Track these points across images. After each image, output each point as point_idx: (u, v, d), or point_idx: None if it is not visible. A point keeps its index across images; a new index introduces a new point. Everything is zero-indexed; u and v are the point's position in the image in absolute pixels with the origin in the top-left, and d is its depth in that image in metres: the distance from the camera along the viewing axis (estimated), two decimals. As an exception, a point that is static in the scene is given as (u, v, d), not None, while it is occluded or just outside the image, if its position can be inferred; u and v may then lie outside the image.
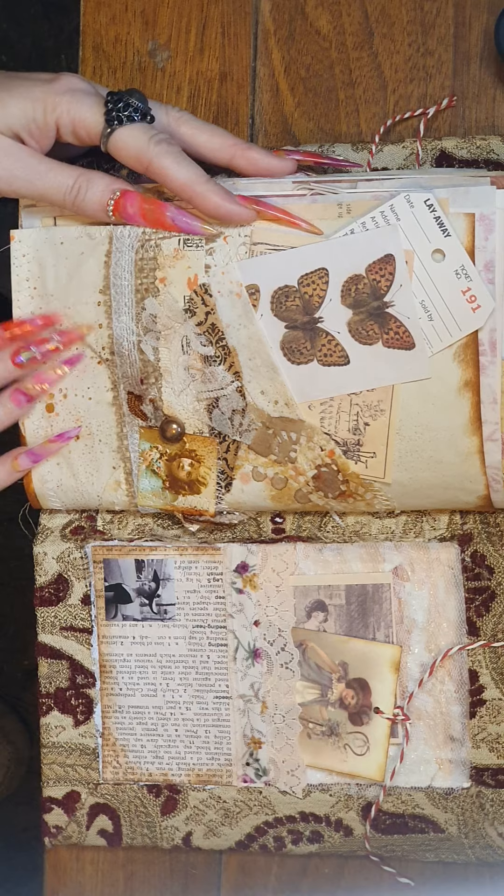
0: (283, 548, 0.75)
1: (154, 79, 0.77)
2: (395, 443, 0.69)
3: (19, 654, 1.29)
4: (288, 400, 0.70)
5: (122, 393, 0.73)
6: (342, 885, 0.78)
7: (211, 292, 0.69)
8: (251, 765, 0.76)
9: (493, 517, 0.73)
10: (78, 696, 0.78)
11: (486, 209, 0.64)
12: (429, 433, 0.69)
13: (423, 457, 0.69)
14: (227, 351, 0.70)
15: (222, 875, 0.79)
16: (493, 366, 0.66)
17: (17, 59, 1.31)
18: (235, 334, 0.69)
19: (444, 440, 0.68)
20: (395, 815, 0.75)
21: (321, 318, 0.68)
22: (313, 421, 0.70)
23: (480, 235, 0.65)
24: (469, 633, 0.73)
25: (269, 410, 0.70)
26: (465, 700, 0.74)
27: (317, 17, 0.74)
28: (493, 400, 0.67)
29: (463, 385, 0.67)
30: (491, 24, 0.72)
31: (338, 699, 0.75)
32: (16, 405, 0.72)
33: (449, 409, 0.68)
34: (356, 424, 0.69)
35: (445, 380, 0.67)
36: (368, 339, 0.68)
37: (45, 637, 0.78)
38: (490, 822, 0.74)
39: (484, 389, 0.67)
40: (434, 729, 0.74)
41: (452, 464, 0.69)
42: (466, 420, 0.68)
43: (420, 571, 0.74)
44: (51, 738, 0.79)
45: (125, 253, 0.69)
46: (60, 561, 0.77)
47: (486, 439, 0.68)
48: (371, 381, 0.69)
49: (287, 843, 0.77)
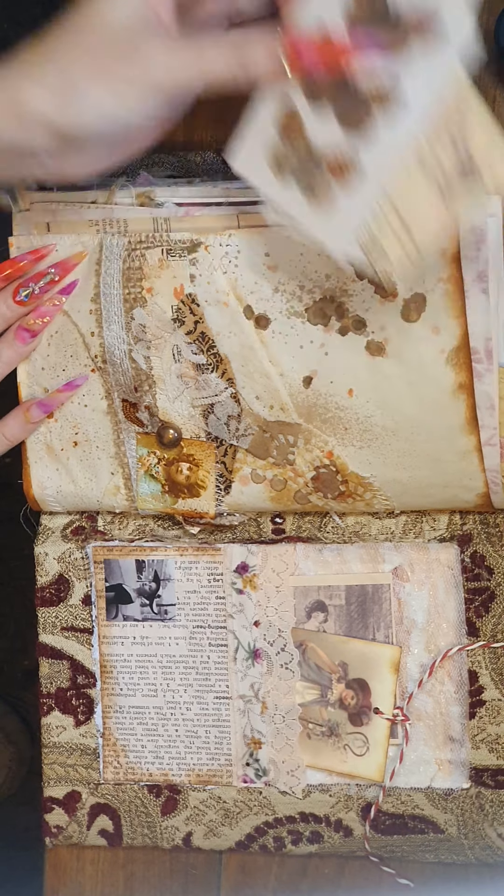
0: (283, 548, 0.75)
1: (154, 80, 0.76)
2: (392, 443, 0.69)
3: (19, 654, 1.29)
4: (283, 405, 0.70)
5: (117, 401, 0.73)
6: (342, 885, 0.78)
7: (198, 302, 0.68)
8: (251, 765, 0.76)
9: (493, 518, 0.73)
10: (79, 696, 0.78)
11: (476, 220, 0.64)
12: (426, 433, 0.69)
13: (422, 455, 0.69)
14: (218, 359, 0.69)
15: (222, 875, 0.79)
16: (489, 373, 0.66)
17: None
18: (227, 342, 0.69)
19: (441, 439, 0.68)
20: (394, 816, 0.75)
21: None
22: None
23: (471, 246, 0.64)
24: (469, 634, 0.73)
25: (265, 415, 0.70)
26: (465, 701, 0.74)
27: (316, 19, 0.74)
28: (491, 406, 0.67)
29: (457, 387, 0.67)
30: (491, 24, 0.72)
31: (337, 700, 0.75)
32: (21, 343, 0.72)
33: (444, 410, 0.68)
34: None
35: (439, 383, 0.67)
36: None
37: (46, 637, 0.78)
38: (489, 822, 0.74)
39: (480, 396, 0.67)
40: (434, 729, 0.74)
41: (450, 461, 0.69)
42: (463, 420, 0.68)
43: (420, 572, 0.74)
44: (52, 738, 0.79)
45: (113, 262, 0.69)
46: (61, 561, 0.77)
47: (485, 444, 0.68)
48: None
49: (287, 844, 0.77)
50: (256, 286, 0.68)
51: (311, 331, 0.68)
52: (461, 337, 0.66)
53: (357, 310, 0.67)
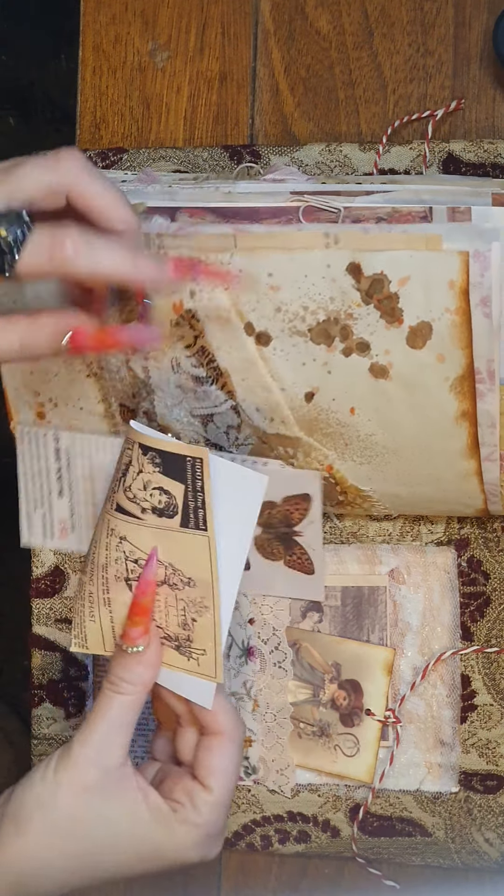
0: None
1: (154, 79, 0.77)
2: (392, 461, 0.69)
3: (19, 654, 1.30)
4: (284, 418, 0.69)
5: (115, 404, 0.73)
6: (342, 885, 0.77)
7: (198, 317, 0.68)
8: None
9: (490, 523, 0.72)
10: (70, 688, 0.79)
11: (480, 246, 0.63)
12: (427, 454, 0.68)
13: (422, 474, 0.69)
14: (218, 372, 0.69)
15: (222, 875, 0.79)
16: (491, 393, 0.65)
17: (17, 59, 1.33)
18: (227, 357, 0.68)
19: (442, 461, 0.68)
20: (382, 818, 0.75)
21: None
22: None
23: (476, 272, 0.63)
24: (463, 638, 0.73)
25: (265, 427, 0.70)
26: (457, 705, 0.73)
27: (317, 17, 0.75)
28: (492, 424, 0.66)
29: (460, 415, 0.66)
30: (491, 24, 0.72)
31: (329, 700, 0.75)
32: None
33: (447, 435, 0.67)
34: (184, 620, 0.62)
35: (443, 409, 0.66)
36: (272, 556, 0.73)
37: (40, 629, 0.79)
38: (477, 827, 0.73)
39: (482, 415, 0.66)
40: (424, 732, 0.74)
41: (451, 481, 0.68)
42: (464, 446, 0.67)
43: (416, 575, 0.74)
44: (42, 729, 0.79)
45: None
46: (57, 553, 0.78)
47: (485, 459, 0.67)
48: (267, 588, 0.74)
49: (274, 842, 0.77)
50: (259, 304, 0.66)
51: (313, 350, 0.67)
52: (466, 367, 0.65)
53: (362, 333, 0.66)
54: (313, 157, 0.73)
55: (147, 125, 0.77)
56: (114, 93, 0.78)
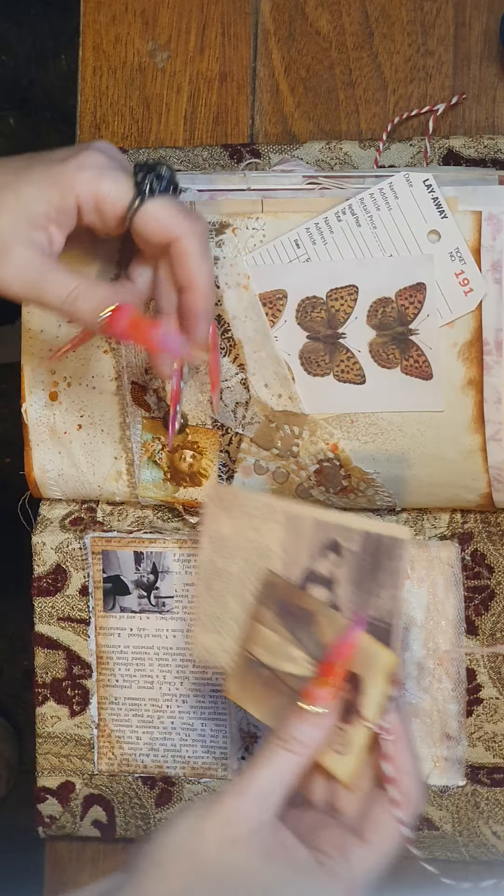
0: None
1: (154, 79, 0.78)
2: (397, 439, 0.69)
3: (19, 654, 1.29)
4: (291, 394, 0.70)
5: (126, 383, 0.74)
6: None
7: (218, 284, 0.69)
8: (246, 759, 0.76)
9: (494, 517, 0.73)
10: (74, 686, 0.78)
11: (494, 208, 0.64)
12: (431, 430, 0.69)
13: (426, 454, 0.69)
14: (232, 343, 0.70)
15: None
16: (498, 366, 0.66)
17: (17, 58, 1.34)
18: (241, 326, 0.70)
19: (446, 437, 0.68)
20: (389, 813, 0.74)
21: (344, 335, 0.69)
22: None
23: (487, 234, 0.64)
24: (468, 632, 0.73)
25: (273, 404, 0.71)
26: (462, 698, 0.73)
27: (317, 17, 0.76)
28: (497, 399, 0.67)
29: (467, 383, 0.67)
30: (491, 24, 0.73)
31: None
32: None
33: (452, 406, 0.68)
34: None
35: (450, 377, 0.67)
36: (388, 363, 0.69)
37: (43, 627, 0.78)
38: (485, 820, 0.73)
39: (488, 388, 0.67)
40: (430, 727, 0.74)
41: (454, 461, 0.69)
42: (469, 418, 0.68)
43: (420, 569, 0.74)
44: (46, 728, 0.79)
45: None
46: (59, 551, 0.78)
47: (490, 439, 0.68)
48: (384, 404, 0.70)
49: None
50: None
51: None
52: (475, 331, 0.66)
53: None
54: (313, 154, 0.74)
55: (147, 125, 0.78)
56: (114, 93, 0.78)
